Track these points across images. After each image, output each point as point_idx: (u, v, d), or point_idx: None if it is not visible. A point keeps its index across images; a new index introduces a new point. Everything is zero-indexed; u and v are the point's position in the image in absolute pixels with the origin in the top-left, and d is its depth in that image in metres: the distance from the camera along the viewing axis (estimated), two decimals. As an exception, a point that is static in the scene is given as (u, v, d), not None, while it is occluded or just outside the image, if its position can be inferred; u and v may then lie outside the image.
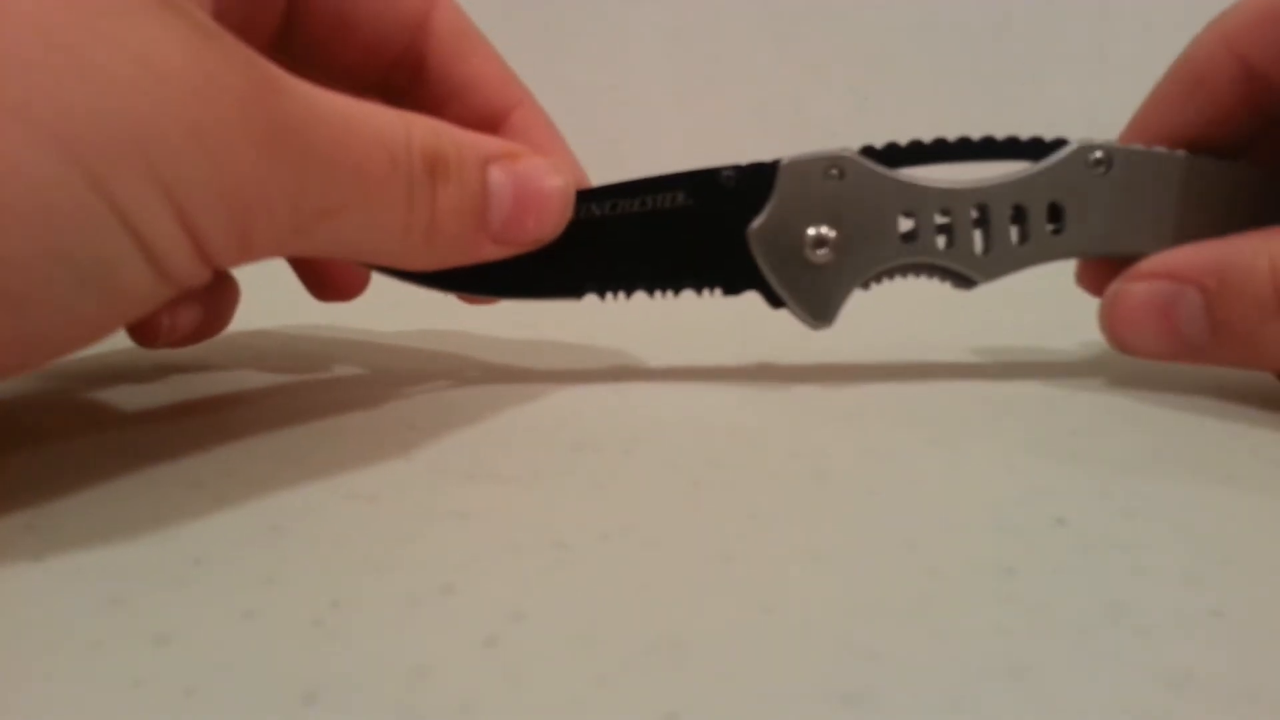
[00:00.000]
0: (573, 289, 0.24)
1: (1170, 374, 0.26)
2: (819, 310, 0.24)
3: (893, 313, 0.36)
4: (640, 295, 0.24)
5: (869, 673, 0.12)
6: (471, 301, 0.27)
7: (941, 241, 0.23)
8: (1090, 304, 0.24)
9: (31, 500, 0.17)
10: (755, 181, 0.23)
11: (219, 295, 0.24)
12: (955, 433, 0.21)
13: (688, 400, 0.24)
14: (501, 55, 0.26)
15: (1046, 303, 0.38)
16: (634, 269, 0.24)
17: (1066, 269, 0.26)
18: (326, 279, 0.27)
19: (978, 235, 0.24)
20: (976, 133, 0.24)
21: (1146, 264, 0.22)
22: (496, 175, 0.20)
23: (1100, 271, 0.25)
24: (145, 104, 0.15)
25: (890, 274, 0.24)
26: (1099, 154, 0.23)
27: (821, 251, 0.23)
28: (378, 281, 0.27)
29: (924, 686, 0.12)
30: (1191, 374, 0.26)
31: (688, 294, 0.24)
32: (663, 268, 0.24)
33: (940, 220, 0.23)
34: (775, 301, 0.24)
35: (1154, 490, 0.18)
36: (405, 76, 0.25)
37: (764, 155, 0.24)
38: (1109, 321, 0.23)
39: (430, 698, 0.12)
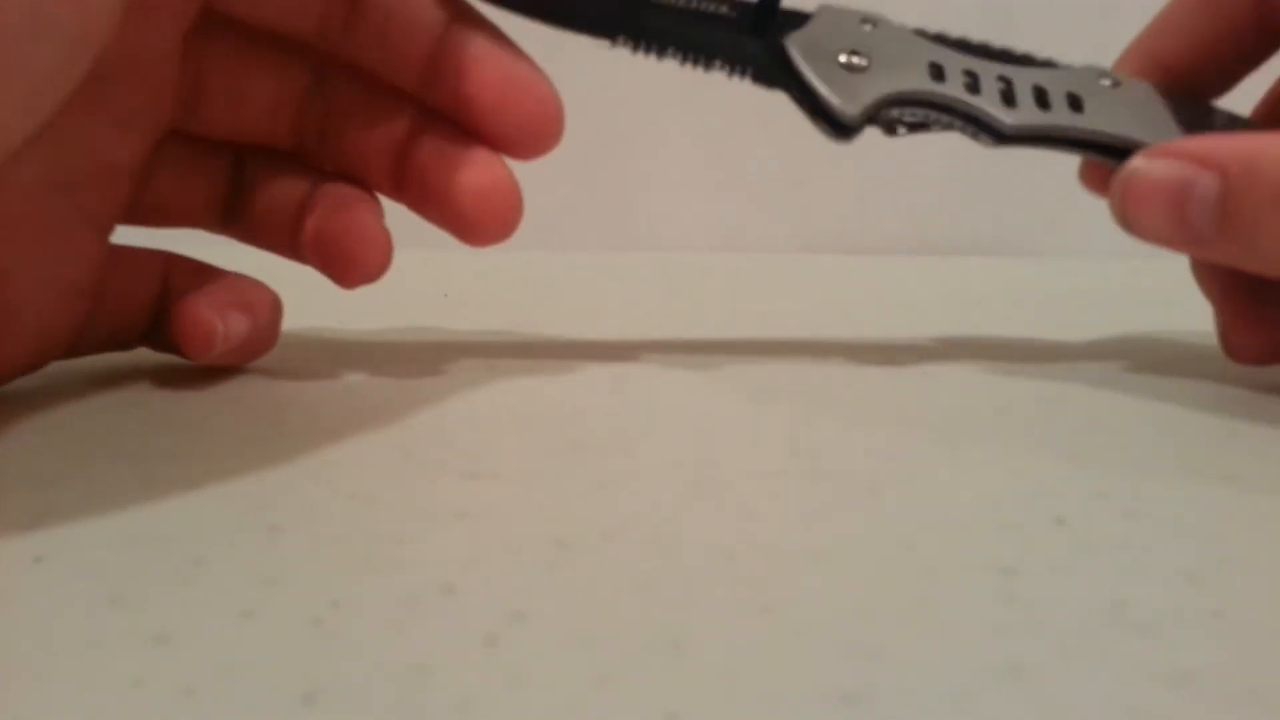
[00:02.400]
0: (608, 29, 0.24)
1: (1170, 375, 0.26)
2: (848, 100, 0.23)
3: (892, 312, 0.36)
4: (670, 62, 0.24)
5: (869, 673, 0.12)
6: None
7: (967, 86, 0.24)
8: (1089, 305, 0.24)
9: (30, 500, 0.17)
10: (794, 14, 0.24)
11: (263, 304, 0.24)
12: (955, 433, 0.21)
13: (688, 399, 0.24)
14: None
15: (1046, 303, 0.38)
16: (670, 29, 0.24)
17: (1065, 270, 0.26)
18: (345, 256, 0.24)
19: (1001, 93, 0.24)
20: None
21: (1169, 144, 0.22)
22: None
23: (1105, 171, 0.25)
24: None
25: (916, 117, 0.24)
26: (1107, 79, 0.24)
27: (855, 60, 0.24)
28: (375, 285, 0.26)
29: (924, 686, 0.12)
30: (1191, 374, 0.26)
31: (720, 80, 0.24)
32: (699, 39, 0.24)
33: (966, 73, 0.24)
34: (804, 98, 0.24)
35: (1154, 490, 0.18)
36: (339, 20, 0.23)
37: (766, 156, 0.24)
38: (1120, 197, 0.22)
39: (430, 698, 0.12)
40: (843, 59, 0.23)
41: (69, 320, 0.22)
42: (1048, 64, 0.25)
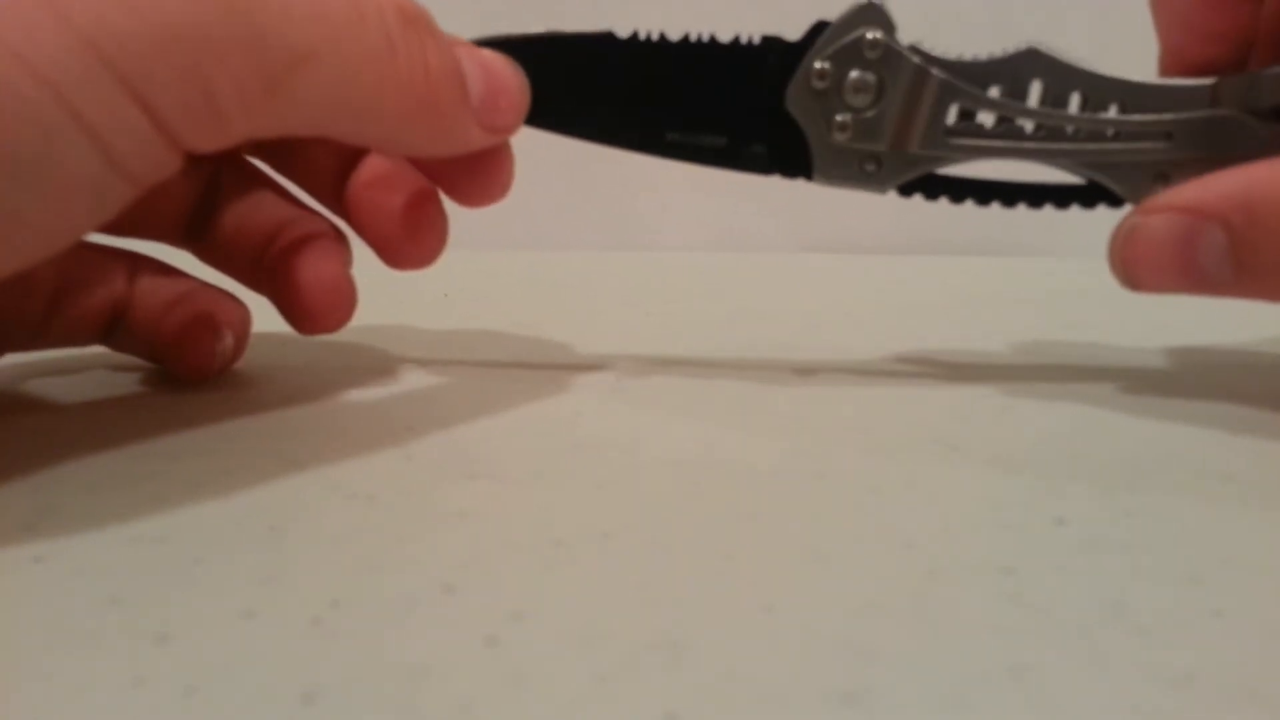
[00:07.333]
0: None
1: (1170, 375, 0.26)
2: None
3: (892, 312, 0.36)
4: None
5: (869, 672, 0.12)
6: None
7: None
8: (1089, 305, 0.24)
9: (31, 500, 0.17)
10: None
11: (240, 321, 0.24)
12: (955, 433, 0.21)
13: (687, 399, 0.24)
14: None
15: (1046, 303, 0.38)
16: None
17: (1065, 270, 0.26)
18: (304, 307, 0.24)
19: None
20: None
21: (1163, 197, 0.21)
22: (462, 54, 0.20)
23: None
24: None
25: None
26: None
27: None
28: (375, 284, 0.26)
29: (924, 686, 0.12)
30: (1190, 375, 0.26)
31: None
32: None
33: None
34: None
35: (1154, 491, 0.18)
36: None
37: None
38: (1123, 259, 0.21)
39: (430, 698, 0.12)
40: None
41: (25, 316, 0.22)
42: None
